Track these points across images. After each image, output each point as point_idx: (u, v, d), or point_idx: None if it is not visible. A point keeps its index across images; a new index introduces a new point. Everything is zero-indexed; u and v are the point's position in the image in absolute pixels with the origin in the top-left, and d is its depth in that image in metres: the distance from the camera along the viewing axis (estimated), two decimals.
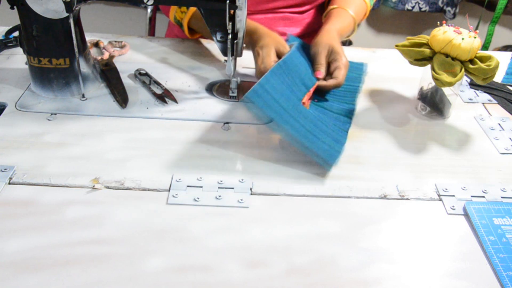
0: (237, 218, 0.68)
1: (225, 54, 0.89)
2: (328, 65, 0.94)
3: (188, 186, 0.72)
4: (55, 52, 0.86)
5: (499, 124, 0.92)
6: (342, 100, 0.93)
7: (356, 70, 1.03)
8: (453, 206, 0.72)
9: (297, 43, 0.97)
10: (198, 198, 0.70)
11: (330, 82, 0.92)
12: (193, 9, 1.06)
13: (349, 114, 0.89)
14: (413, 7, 2.01)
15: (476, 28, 1.87)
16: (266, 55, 0.91)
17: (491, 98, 1.00)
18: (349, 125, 0.86)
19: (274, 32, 0.97)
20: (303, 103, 0.85)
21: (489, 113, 0.96)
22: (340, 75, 0.91)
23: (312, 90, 0.90)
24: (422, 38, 0.87)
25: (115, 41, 1.10)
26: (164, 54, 1.08)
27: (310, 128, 0.79)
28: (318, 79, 0.92)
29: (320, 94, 0.94)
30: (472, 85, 1.04)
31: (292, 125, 0.78)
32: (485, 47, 1.95)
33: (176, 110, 0.89)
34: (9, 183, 0.71)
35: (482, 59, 0.83)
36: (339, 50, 0.94)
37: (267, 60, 0.90)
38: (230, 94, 0.94)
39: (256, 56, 0.94)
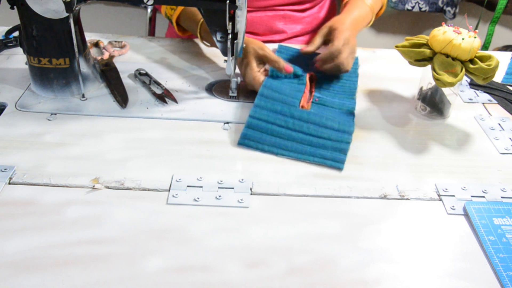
0: (237, 218, 0.68)
1: (225, 54, 0.89)
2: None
3: (188, 186, 0.72)
4: (55, 52, 0.86)
5: (499, 124, 0.92)
6: (342, 96, 0.94)
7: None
8: (453, 206, 0.72)
9: (281, 52, 1.02)
10: (198, 198, 0.70)
11: (323, 53, 0.93)
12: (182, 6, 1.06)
13: (351, 108, 0.90)
14: (413, 7, 2.01)
15: (476, 28, 1.87)
16: (249, 67, 0.92)
17: (491, 98, 1.00)
18: (353, 116, 0.87)
19: (251, 38, 0.98)
20: (302, 106, 0.85)
21: (489, 113, 0.96)
22: (333, 46, 0.92)
23: (307, 90, 0.90)
24: (421, 38, 0.87)
25: (115, 41, 1.10)
26: (164, 54, 1.08)
27: (312, 133, 0.81)
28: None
29: (321, 88, 0.95)
30: (472, 85, 1.04)
31: (290, 148, 0.80)
32: (485, 47, 1.95)
33: (176, 110, 0.89)
34: (9, 183, 0.71)
35: (482, 59, 0.83)
36: (337, 25, 0.95)
37: (249, 72, 0.92)
38: (230, 94, 0.94)
39: (239, 66, 0.96)
